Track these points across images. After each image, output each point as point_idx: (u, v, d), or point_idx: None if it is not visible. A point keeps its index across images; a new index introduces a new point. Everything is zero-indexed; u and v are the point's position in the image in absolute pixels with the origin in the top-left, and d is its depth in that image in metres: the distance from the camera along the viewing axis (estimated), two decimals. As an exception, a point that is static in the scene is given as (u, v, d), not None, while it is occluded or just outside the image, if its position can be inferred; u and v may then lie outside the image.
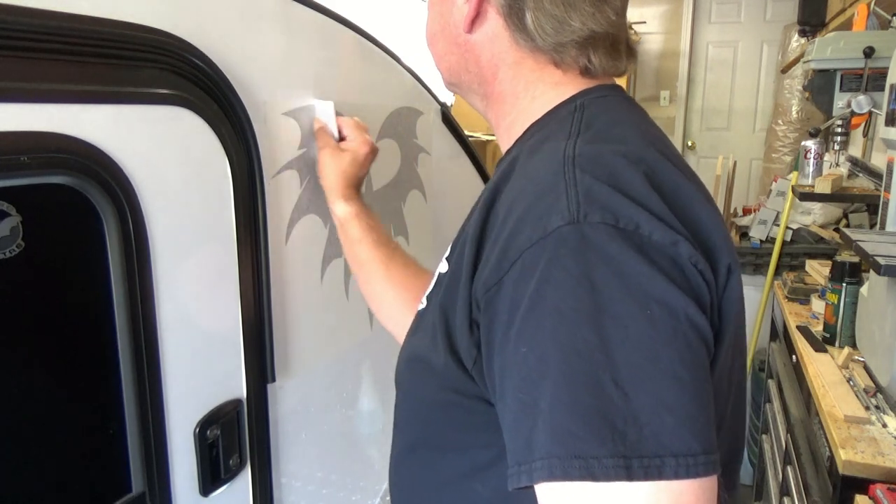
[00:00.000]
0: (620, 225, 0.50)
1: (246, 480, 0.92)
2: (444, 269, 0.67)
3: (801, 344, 1.78)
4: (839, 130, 2.07)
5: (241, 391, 0.90)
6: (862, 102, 1.84)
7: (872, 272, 1.39)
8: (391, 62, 1.30)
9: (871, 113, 1.91)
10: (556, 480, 0.47)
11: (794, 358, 1.87)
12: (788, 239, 2.62)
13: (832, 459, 1.27)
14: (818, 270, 2.29)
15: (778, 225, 2.61)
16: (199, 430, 0.83)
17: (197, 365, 0.83)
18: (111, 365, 0.73)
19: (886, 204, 1.53)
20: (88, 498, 0.75)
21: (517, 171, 0.62)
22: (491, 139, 4.68)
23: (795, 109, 3.97)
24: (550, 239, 0.51)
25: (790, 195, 2.53)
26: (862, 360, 1.59)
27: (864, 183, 2.49)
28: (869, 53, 1.87)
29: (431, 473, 0.68)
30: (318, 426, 1.11)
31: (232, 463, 0.88)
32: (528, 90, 0.69)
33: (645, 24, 4.96)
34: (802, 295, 2.19)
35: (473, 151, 1.58)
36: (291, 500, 1.04)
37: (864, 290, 1.63)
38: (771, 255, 2.59)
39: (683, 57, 4.98)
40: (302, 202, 1.02)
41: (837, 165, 2.53)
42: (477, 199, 0.65)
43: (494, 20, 0.67)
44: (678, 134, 5.02)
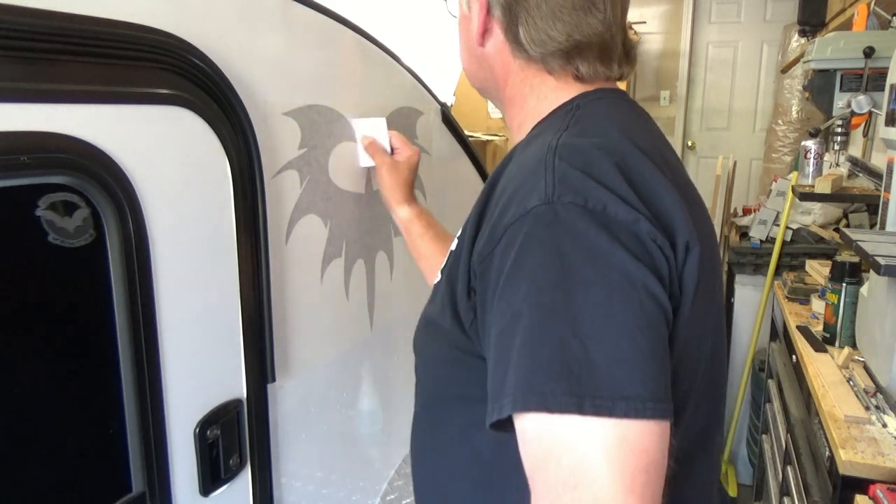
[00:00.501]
0: (589, 205, 0.58)
1: (246, 480, 0.92)
2: (454, 246, 0.75)
3: (801, 344, 1.78)
4: (839, 130, 2.07)
5: (241, 391, 0.90)
6: (862, 102, 1.84)
7: (872, 272, 1.39)
8: (391, 62, 1.30)
9: (871, 113, 1.90)
10: (518, 412, 0.55)
11: (794, 358, 1.87)
12: (788, 239, 2.62)
13: (832, 459, 1.27)
14: (818, 270, 2.29)
15: (778, 225, 2.61)
16: (199, 430, 0.83)
17: (197, 365, 0.83)
18: (111, 365, 0.73)
19: (886, 204, 1.53)
20: (88, 498, 0.75)
21: (513, 160, 0.71)
22: (491, 139, 4.69)
23: (795, 109, 3.97)
24: (529, 216, 0.59)
25: (790, 195, 2.53)
26: (862, 360, 1.59)
27: (864, 183, 2.49)
28: (869, 53, 1.87)
29: (440, 427, 0.77)
30: (318, 426, 1.11)
31: (232, 463, 0.88)
32: (533, 93, 0.77)
33: (645, 24, 4.96)
34: (802, 295, 2.19)
35: (473, 151, 1.59)
36: (291, 500, 1.04)
37: (864, 290, 1.63)
38: (771, 255, 2.59)
39: (683, 57, 4.98)
40: (302, 202, 1.02)
41: (837, 165, 2.53)
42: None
43: (497, 35, 0.77)
44: (678, 134, 5.02)
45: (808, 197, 2.29)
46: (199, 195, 0.82)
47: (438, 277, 0.78)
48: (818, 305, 2.00)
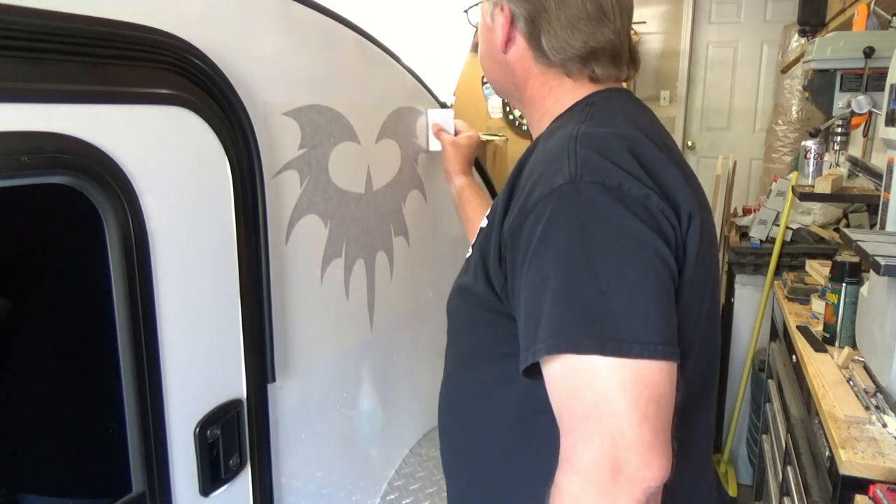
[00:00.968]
0: (606, 183, 0.69)
1: (246, 480, 0.92)
2: (484, 224, 0.85)
3: (801, 344, 1.78)
4: (839, 130, 2.07)
5: (241, 391, 0.90)
6: (862, 102, 1.84)
7: (872, 272, 1.39)
8: (391, 62, 1.30)
9: (871, 113, 1.90)
10: (550, 354, 0.66)
11: (794, 358, 1.87)
12: (788, 239, 2.62)
13: (832, 459, 1.27)
14: (818, 270, 2.29)
15: (778, 225, 2.61)
16: (199, 430, 0.83)
17: (197, 365, 0.83)
18: (111, 365, 0.73)
19: (886, 204, 1.53)
20: (89, 497, 0.75)
21: (537, 150, 0.81)
22: (491, 139, 4.69)
23: (795, 109, 3.96)
24: (555, 193, 0.69)
25: (790, 195, 2.52)
26: (862, 360, 1.59)
27: (864, 183, 2.49)
28: (869, 53, 1.87)
29: (473, 381, 0.87)
30: (318, 426, 1.11)
31: (232, 463, 0.88)
32: (551, 94, 0.89)
33: (645, 24, 4.95)
34: (802, 295, 2.18)
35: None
36: (291, 500, 1.04)
37: (864, 290, 1.63)
38: (771, 255, 2.59)
39: (683, 57, 4.97)
40: (302, 202, 1.02)
41: (837, 165, 2.52)
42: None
43: (521, 43, 0.88)
44: (678, 134, 5.01)
45: (808, 197, 2.29)
46: (199, 195, 0.82)
47: (469, 252, 0.90)
48: (818, 305, 2.00)
